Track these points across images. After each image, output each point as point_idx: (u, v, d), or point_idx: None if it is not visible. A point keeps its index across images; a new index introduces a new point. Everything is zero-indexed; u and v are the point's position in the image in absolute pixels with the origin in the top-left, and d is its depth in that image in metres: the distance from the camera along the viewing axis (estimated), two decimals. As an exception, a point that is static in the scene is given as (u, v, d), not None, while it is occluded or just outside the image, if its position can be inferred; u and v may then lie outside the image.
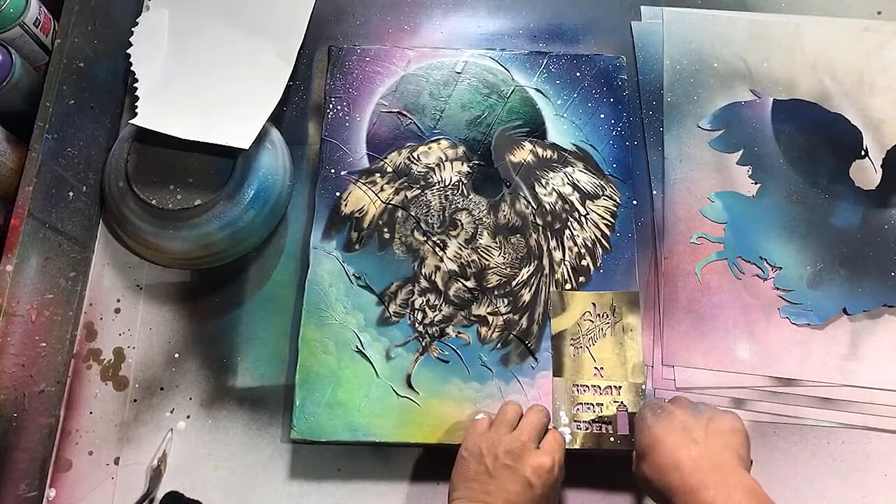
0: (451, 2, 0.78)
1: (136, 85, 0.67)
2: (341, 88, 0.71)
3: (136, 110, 0.65)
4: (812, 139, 0.72)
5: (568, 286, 0.65)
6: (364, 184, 0.67)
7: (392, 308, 0.63)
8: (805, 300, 0.66)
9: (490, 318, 0.64)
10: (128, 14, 0.72)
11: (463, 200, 0.67)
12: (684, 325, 0.65)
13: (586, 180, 0.69)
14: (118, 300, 0.65)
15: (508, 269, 0.65)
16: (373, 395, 0.61)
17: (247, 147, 0.61)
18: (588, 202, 0.68)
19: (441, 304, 0.64)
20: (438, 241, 0.66)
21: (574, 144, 0.70)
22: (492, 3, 0.78)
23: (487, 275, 0.65)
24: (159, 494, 0.58)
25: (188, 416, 0.62)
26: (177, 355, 0.63)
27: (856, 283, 0.67)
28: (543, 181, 0.68)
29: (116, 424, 0.61)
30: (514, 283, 0.65)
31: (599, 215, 0.68)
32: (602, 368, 0.62)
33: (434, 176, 0.68)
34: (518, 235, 0.66)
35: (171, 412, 0.62)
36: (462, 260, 0.65)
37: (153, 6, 0.72)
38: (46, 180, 0.58)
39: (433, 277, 0.65)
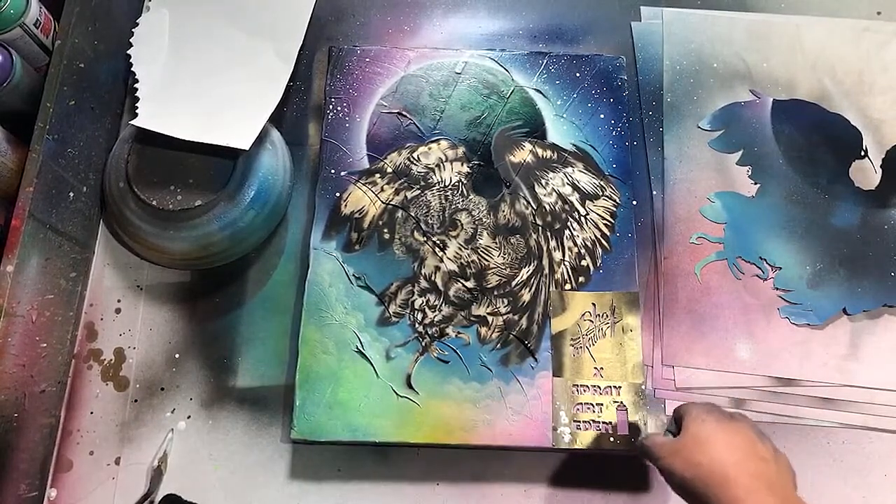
0: (451, 2, 0.78)
1: (136, 86, 0.68)
2: (341, 89, 0.71)
3: (137, 111, 0.65)
4: (812, 139, 0.72)
5: (568, 286, 0.65)
6: (364, 184, 0.67)
7: (392, 308, 0.63)
8: (805, 300, 0.66)
9: (490, 318, 0.64)
10: (128, 15, 0.72)
11: (463, 201, 0.67)
12: (684, 325, 0.65)
13: (586, 180, 0.69)
14: (118, 300, 0.65)
15: (508, 270, 0.65)
16: (373, 395, 0.61)
17: (247, 148, 0.61)
18: (588, 202, 0.68)
19: (441, 305, 0.64)
20: (438, 242, 0.66)
21: (574, 145, 0.70)
22: (492, 3, 0.78)
23: (487, 275, 0.65)
24: (160, 495, 0.59)
25: (188, 417, 0.62)
26: (177, 356, 0.63)
27: (856, 283, 0.67)
28: (543, 181, 0.68)
29: (117, 424, 0.61)
30: (513, 284, 0.65)
31: (599, 215, 0.68)
32: (602, 368, 0.62)
33: (434, 176, 0.68)
34: (518, 236, 0.67)
35: (172, 412, 0.62)
36: (462, 260, 0.65)
37: (153, 7, 0.73)
38: (47, 181, 0.58)
39: (433, 278, 0.65)
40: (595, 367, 0.62)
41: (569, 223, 0.67)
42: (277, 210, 0.66)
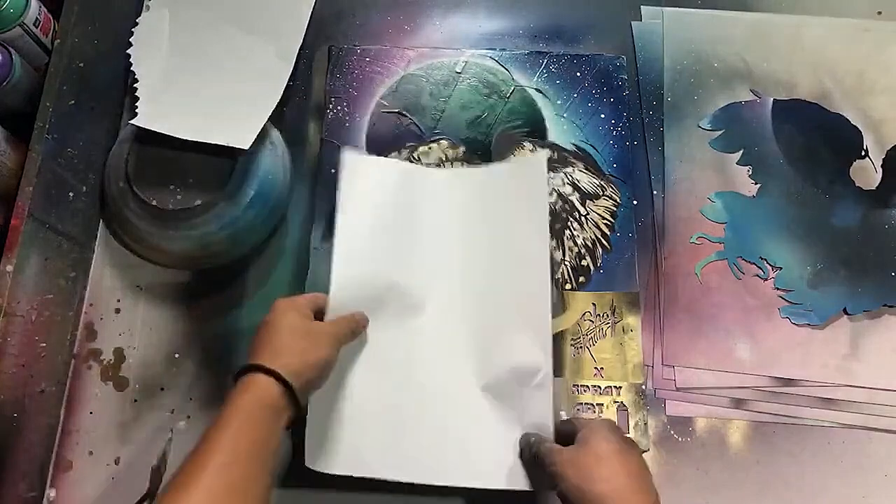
0: (451, 2, 0.78)
1: (136, 85, 0.67)
2: (341, 88, 0.71)
3: (137, 110, 0.65)
4: (812, 139, 0.72)
5: (568, 286, 0.65)
6: (364, 184, 0.67)
7: (392, 308, 0.63)
8: (805, 300, 0.66)
9: (490, 318, 0.64)
10: (128, 14, 0.72)
11: (463, 200, 0.67)
12: (684, 325, 0.65)
13: (586, 180, 0.69)
14: (118, 300, 0.65)
15: (508, 270, 0.65)
16: (373, 395, 0.60)
17: (247, 147, 0.61)
18: (588, 202, 0.68)
19: (441, 305, 0.64)
20: (438, 242, 0.66)
21: (574, 144, 0.70)
22: (492, 3, 0.78)
23: (487, 275, 0.65)
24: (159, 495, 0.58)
25: (188, 417, 0.62)
26: (177, 355, 0.63)
27: (856, 283, 0.67)
28: (543, 181, 0.68)
29: (117, 425, 0.61)
30: (514, 284, 0.65)
31: (599, 215, 0.68)
32: (602, 368, 0.62)
33: (434, 176, 0.68)
34: (518, 235, 0.66)
35: (172, 412, 0.62)
36: (462, 260, 0.65)
37: (153, 6, 0.72)
38: (46, 180, 0.58)
39: (433, 277, 0.65)
40: (595, 367, 0.62)
41: (569, 223, 0.67)
42: (277, 210, 0.66)
